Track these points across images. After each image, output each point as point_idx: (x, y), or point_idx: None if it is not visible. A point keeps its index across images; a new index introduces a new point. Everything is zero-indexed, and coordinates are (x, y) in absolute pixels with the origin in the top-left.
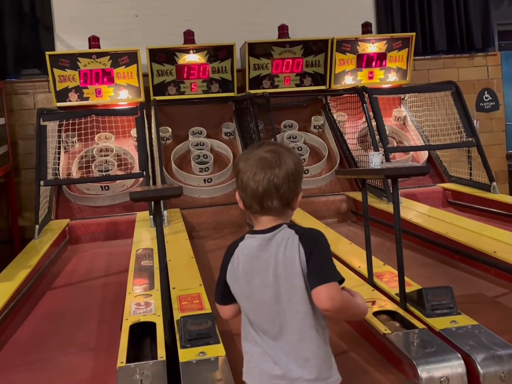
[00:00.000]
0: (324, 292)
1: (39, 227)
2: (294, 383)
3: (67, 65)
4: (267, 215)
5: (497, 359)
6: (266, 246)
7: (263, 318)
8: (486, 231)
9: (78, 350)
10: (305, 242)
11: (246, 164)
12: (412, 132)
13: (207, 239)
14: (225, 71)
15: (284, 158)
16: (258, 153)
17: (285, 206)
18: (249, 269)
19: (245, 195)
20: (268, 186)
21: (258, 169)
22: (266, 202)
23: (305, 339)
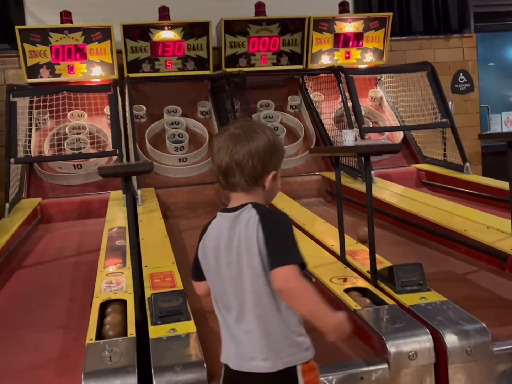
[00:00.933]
0: (279, 273)
1: (9, 206)
2: (250, 363)
3: (38, 40)
4: (234, 191)
5: (464, 334)
6: (232, 224)
7: (227, 295)
8: (457, 210)
9: (47, 328)
10: (265, 223)
11: (215, 139)
12: (387, 113)
13: (181, 219)
14: (200, 48)
15: (252, 135)
16: (229, 129)
17: (252, 183)
18: (216, 246)
19: (215, 170)
20: (230, 162)
21: (223, 145)
22: (230, 178)
23: (263, 319)
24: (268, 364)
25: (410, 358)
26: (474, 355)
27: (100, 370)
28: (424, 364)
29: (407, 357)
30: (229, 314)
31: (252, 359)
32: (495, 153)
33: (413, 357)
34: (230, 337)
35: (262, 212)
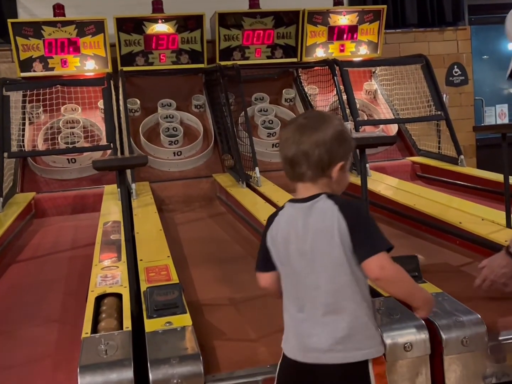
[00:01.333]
0: (373, 262)
1: (3, 200)
2: (326, 354)
3: (31, 33)
4: (301, 182)
5: (459, 325)
6: (306, 215)
7: (298, 286)
8: (452, 203)
9: (42, 322)
10: (346, 213)
11: (283, 130)
12: (382, 106)
13: (176, 213)
14: (194, 41)
15: (319, 125)
16: (297, 119)
17: (318, 174)
18: (286, 237)
19: (282, 161)
20: (296, 152)
21: (290, 135)
22: (297, 168)
23: (342, 310)
24: (345, 355)
25: (406, 349)
26: (469, 346)
27: (96, 364)
28: (419, 355)
29: (402, 349)
30: (300, 305)
31: (329, 350)
32: (489, 145)
33: (408, 348)
34: (298, 330)
35: (340, 202)
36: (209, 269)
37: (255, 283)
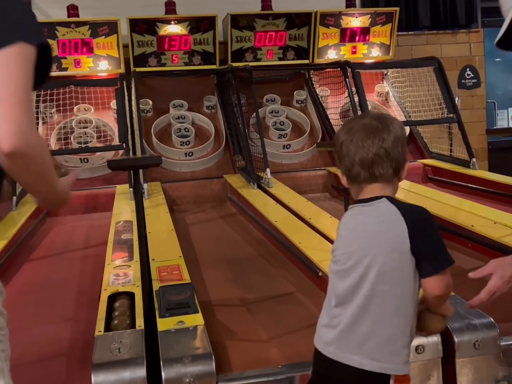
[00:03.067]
0: (440, 281)
1: (16, 199)
2: (348, 355)
3: (45, 34)
4: (377, 183)
5: (472, 328)
6: (358, 215)
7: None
8: (464, 206)
9: (56, 320)
10: (409, 219)
11: (350, 132)
12: (393, 108)
13: (187, 213)
14: (207, 43)
15: (389, 123)
16: (361, 121)
17: (396, 173)
18: (340, 234)
19: (352, 164)
20: (378, 151)
21: (365, 135)
22: (377, 169)
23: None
24: (364, 361)
25: (418, 351)
26: (481, 349)
27: (109, 362)
28: (431, 358)
29: (414, 351)
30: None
31: (352, 352)
32: (502, 148)
33: (420, 351)
34: (333, 325)
35: (404, 208)
36: (220, 270)
37: (266, 283)
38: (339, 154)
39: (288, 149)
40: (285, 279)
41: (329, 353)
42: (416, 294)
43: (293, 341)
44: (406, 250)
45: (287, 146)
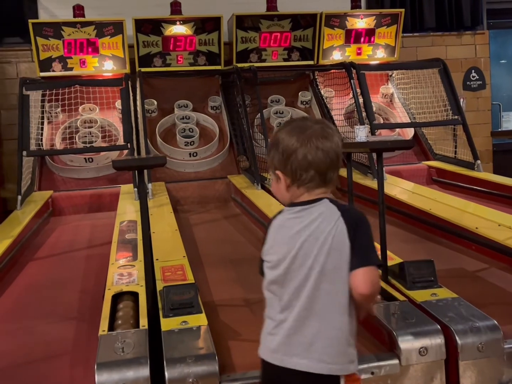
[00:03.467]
0: (366, 275)
1: (21, 198)
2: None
3: (51, 34)
4: (324, 187)
5: (475, 331)
6: (299, 218)
7: (291, 290)
8: (469, 208)
9: (60, 319)
10: (348, 220)
11: (303, 135)
12: (398, 109)
13: (191, 213)
14: (212, 43)
15: (333, 129)
16: (309, 124)
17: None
18: (277, 238)
19: (307, 167)
20: (334, 156)
21: (322, 139)
22: (329, 174)
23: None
24: (312, 364)
25: (421, 354)
26: (485, 351)
27: (113, 361)
28: (434, 360)
29: (417, 353)
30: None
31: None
32: (506, 150)
33: (423, 353)
34: (279, 331)
35: (342, 207)
36: (224, 270)
37: None
38: (287, 156)
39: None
40: None
41: (276, 360)
42: None
43: None
44: (346, 249)
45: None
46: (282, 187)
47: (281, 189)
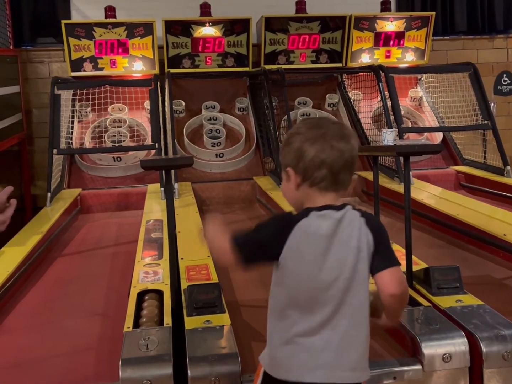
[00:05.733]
0: (394, 274)
1: (51, 195)
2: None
3: (83, 34)
4: (334, 189)
5: (501, 339)
6: (337, 226)
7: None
8: (497, 214)
9: (86, 315)
10: (372, 226)
11: (319, 130)
12: (427, 113)
13: (217, 213)
14: (240, 45)
15: (349, 131)
16: (327, 121)
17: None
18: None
19: (319, 166)
20: (349, 157)
21: (339, 137)
22: (342, 175)
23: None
24: (361, 374)
25: (445, 360)
26: (510, 360)
27: (137, 358)
28: (458, 367)
29: (441, 359)
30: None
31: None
32: None
33: (447, 359)
34: (306, 346)
35: (365, 215)
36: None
37: None
38: (299, 153)
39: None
40: None
41: (317, 378)
42: None
43: None
44: (370, 255)
45: None
46: (292, 187)
47: (291, 189)
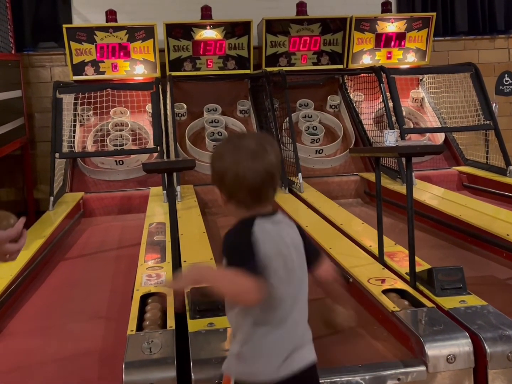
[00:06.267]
0: (328, 262)
1: (53, 199)
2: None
3: (84, 38)
4: (259, 205)
5: (505, 339)
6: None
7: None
8: (500, 214)
9: (89, 318)
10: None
11: (235, 155)
12: (429, 114)
13: (219, 216)
14: (241, 47)
15: (268, 147)
16: (244, 144)
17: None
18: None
19: (239, 187)
20: (267, 174)
21: (252, 159)
22: (264, 192)
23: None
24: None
25: (449, 361)
26: None
27: (141, 361)
28: (463, 368)
29: (445, 360)
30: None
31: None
32: None
33: (451, 360)
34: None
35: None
36: None
37: None
38: (221, 175)
39: (321, 154)
40: (314, 284)
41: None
42: None
43: (322, 347)
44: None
45: (319, 151)
46: (222, 202)
47: (223, 204)
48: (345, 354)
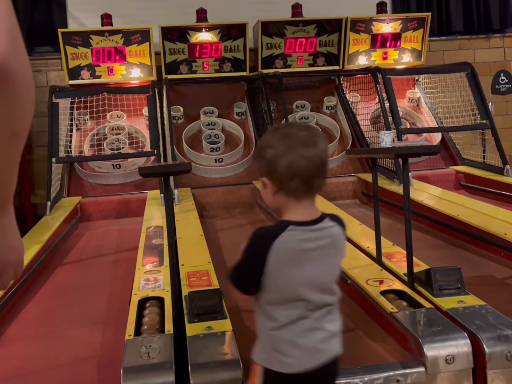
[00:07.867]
0: None
1: (50, 204)
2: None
3: (80, 42)
4: (311, 197)
5: (504, 339)
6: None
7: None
8: (497, 213)
9: (87, 323)
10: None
11: (287, 143)
12: (425, 114)
13: (217, 218)
14: (237, 50)
15: (317, 136)
16: (294, 132)
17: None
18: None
19: (291, 176)
20: (320, 163)
21: (305, 147)
22: (315, 181)
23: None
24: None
25: (448, 362)
26: None
27: (139, 366)
28: (462, 368)
29: (444, 361)
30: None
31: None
32: None
33: (450, 361)
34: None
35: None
36: None
37: None
38: (272, 164)
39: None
40: None
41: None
42: None
43: None
44: None
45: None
46: (269, 194)
47: (269, 196)
48: (343, 356)
